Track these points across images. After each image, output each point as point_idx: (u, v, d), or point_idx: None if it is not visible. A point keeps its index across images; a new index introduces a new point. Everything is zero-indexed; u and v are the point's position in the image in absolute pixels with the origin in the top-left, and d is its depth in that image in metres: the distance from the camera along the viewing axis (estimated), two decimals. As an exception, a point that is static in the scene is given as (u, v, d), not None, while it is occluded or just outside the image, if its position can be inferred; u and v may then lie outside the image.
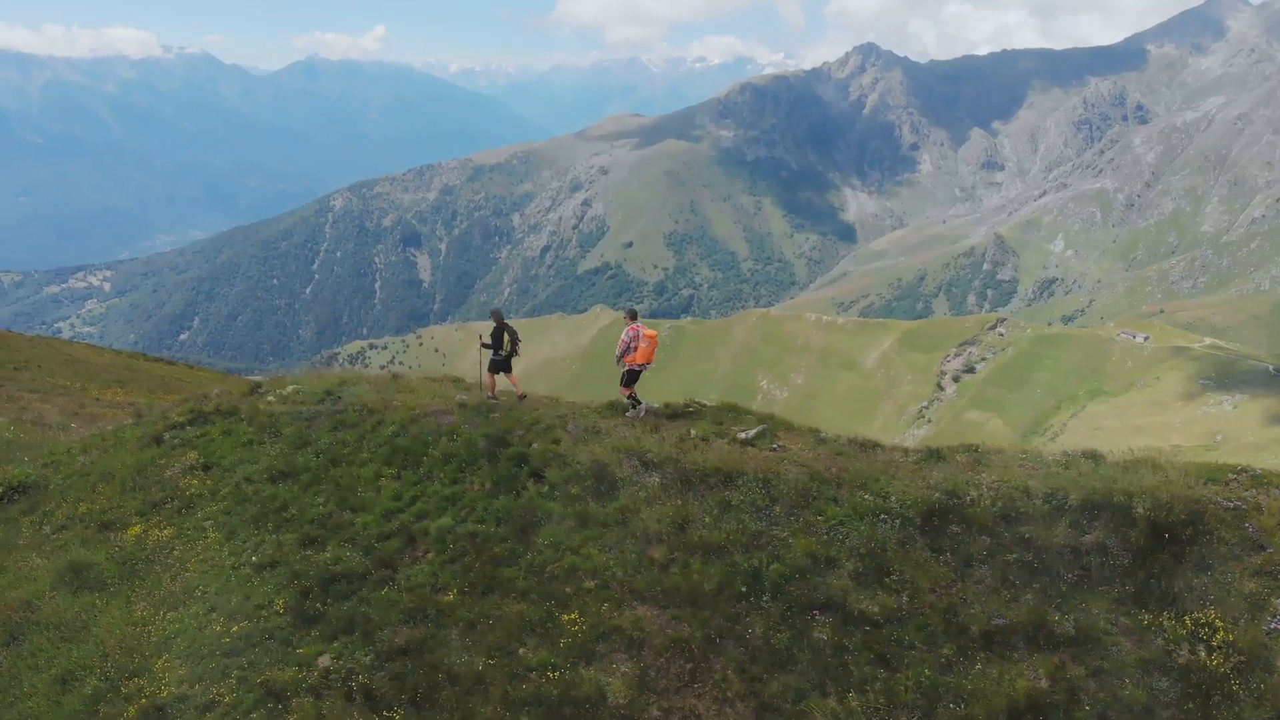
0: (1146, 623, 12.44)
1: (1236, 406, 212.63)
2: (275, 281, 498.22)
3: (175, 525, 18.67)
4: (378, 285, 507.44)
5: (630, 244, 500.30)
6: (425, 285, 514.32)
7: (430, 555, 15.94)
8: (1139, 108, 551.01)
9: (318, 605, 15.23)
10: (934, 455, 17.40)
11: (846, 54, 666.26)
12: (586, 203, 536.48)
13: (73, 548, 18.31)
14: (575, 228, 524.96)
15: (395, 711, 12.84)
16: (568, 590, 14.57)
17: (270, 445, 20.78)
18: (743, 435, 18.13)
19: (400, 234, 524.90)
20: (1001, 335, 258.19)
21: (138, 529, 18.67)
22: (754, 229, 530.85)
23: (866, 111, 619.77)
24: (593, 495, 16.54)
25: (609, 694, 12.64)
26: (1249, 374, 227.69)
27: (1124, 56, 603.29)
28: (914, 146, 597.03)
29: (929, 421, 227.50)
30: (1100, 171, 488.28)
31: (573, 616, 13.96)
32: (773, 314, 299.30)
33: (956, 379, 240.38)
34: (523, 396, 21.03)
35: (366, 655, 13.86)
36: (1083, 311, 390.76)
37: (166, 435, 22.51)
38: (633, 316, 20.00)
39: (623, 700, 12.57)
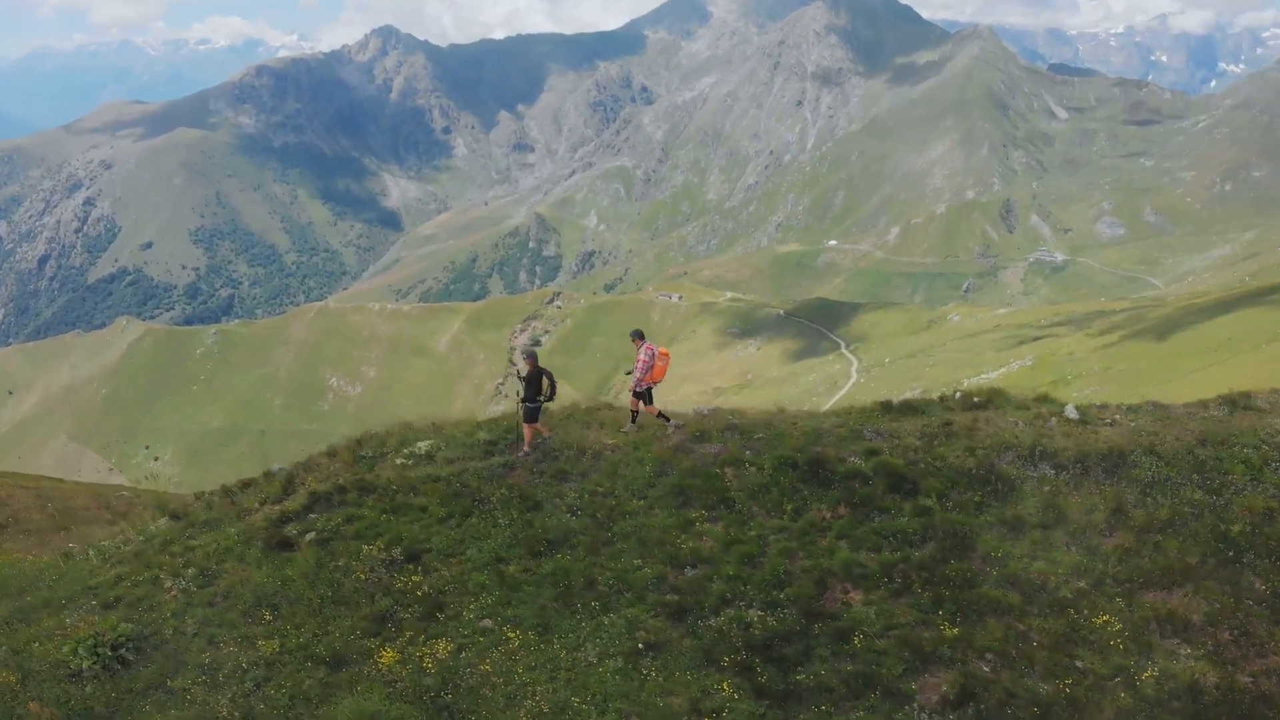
0: None
1: (760, 349, 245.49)
2: None
3: (442, 636, 14.13)
4: None
5: (150, 244, 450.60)
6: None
7: (858, 594, 13.87)
8: (644, 89, 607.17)
9: (769, 675, 12.79)
10: (1231, 403, 17.78)
11: (366, 36, 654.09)
12: (90, 202, 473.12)
13: (343, 701, 12.77)
14: (79, 231, 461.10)
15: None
16: (1065, 595, 13.35)
17: (484, 516, 16.56)
18: (1071, 415, 17.61)
19: None
20: (559, 308, 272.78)
21: (392, 654, 13.76)
22: (293, 219, 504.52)
23: (395, 96, 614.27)
24: (993, 498, 15.20)
25: (1196, 678, 11.96)
26: (765, 320, 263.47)
27: (626, 41, 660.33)
28: (447, 130, 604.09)
29: (507, 397, 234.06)
30: (619, 150, 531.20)
31: (1104, 620, 12.88)
32: (332, 307, 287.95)
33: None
34: (546, 439, 18.87)
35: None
36: (621, 279, 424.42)
37: (291, 531, 16.86)
38: (641, 336, 19.47)
39: (1215, 680, 11.91)
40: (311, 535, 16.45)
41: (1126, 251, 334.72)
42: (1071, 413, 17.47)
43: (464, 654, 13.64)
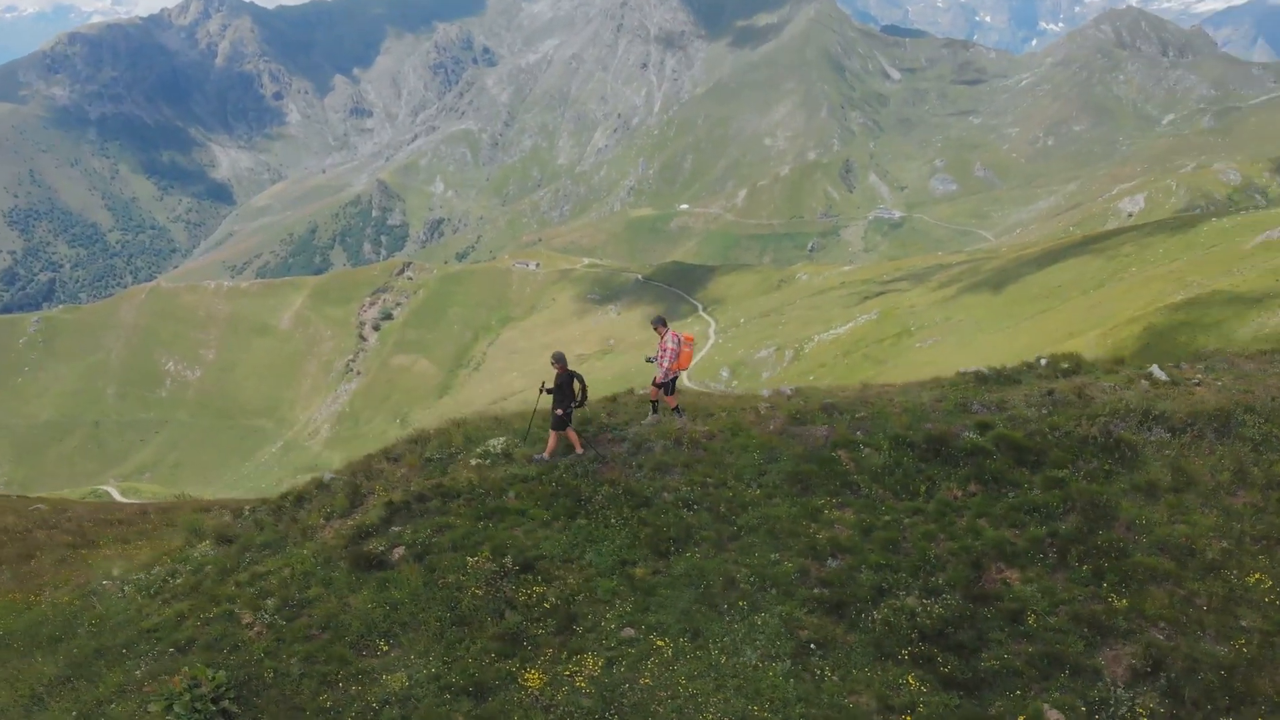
0: None
1: (621, 314, 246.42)
2: None
3: (584, 651, 13.02)
4: None
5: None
6: None
7: (1014, 573, 13.63)
8: (486, 50, 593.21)
9: (952, 664, 12.41)
10: None
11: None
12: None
13: None
14: None
15: None
16: (1213, 557, 13.42)
17: (592, 517, 15.40)
18: (1160, 376, 17.87)
19: None
20: (410, 279, 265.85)
21: (537, 676, 12.57)
22: (116, 196, 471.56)
23: (221, 61, 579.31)
24: (1121, 465, 15.09)
25: None
26: (624, 285, 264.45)
27: (465, 1, 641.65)
28: (278, 96, 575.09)
29: (358, 374, 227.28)
30: (463, 114, 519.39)
31: (1256, 578, 13.00)
32: (164, 287, 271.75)
33: (377, 327, 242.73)
34: (581, 453, 17.41)
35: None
36: (473, 248, 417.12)
37: (376, 547, 15.02)
38: (663, 323, 18.34)
39: None
40: (401, 550, 14.94)
41: (959, 206, 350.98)
42: (1159, 374, 17.75)
43: (615, 669, 12.73)
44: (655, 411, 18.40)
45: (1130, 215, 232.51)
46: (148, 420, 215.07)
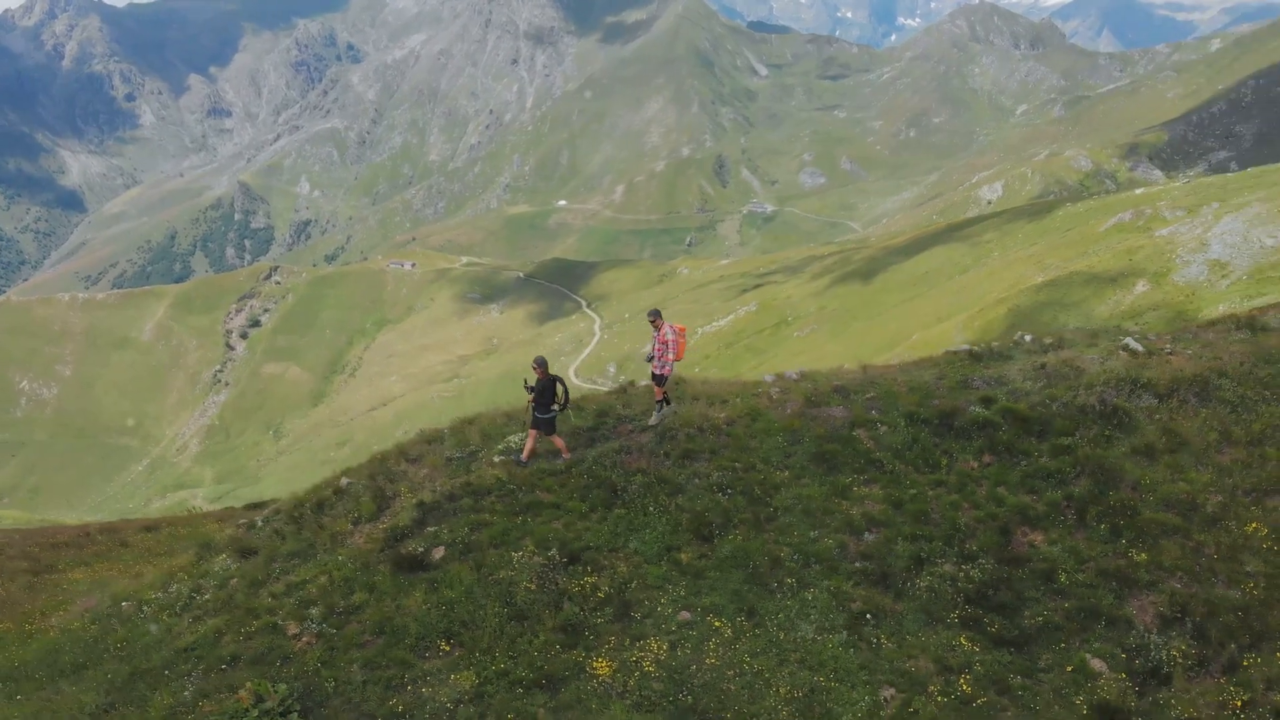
0: None
1: (503, 312, 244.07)
2: None
3: (646, 636, 13.20)
4: None
5: None
6: None
7: (1038, 535, 14.60)
8: (350, 47, 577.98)
9: (998, 624, 13.27)
10: (1248, 325, 19.43)
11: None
12: None
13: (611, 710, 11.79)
14: None
15: None
16: (1212, 511, 14.54)
17: (629, 506, 15.54)
18: (1136, 347, 18.81)
19: None
20: (279, 283, 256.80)
21: (605, 664, 12.69)
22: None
23: (68, 63, 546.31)
24: (1119, 430, 16.13)
25: None
26: (505, 284, 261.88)
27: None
28: (130, 98, 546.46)
29: (227, 384, 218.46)
30: (328, 112, 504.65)
31: (1254, 527, 14.18)
32: (14, 301, 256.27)
33: (244, 335, 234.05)
34: (567, 458, 17.20)
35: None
36: (343, 249, 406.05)
37: (414, 549, 14.73)
38: (659, 315, 17.99)
39: None
40: (441, 550, 14.82)
41: (827, 199, 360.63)
42: (1135, 345, 18.86)
43: (679, 651, 13.00)
44: (661, 409, 18.07)
45: (990, 203, 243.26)
46: (2, 442, 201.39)
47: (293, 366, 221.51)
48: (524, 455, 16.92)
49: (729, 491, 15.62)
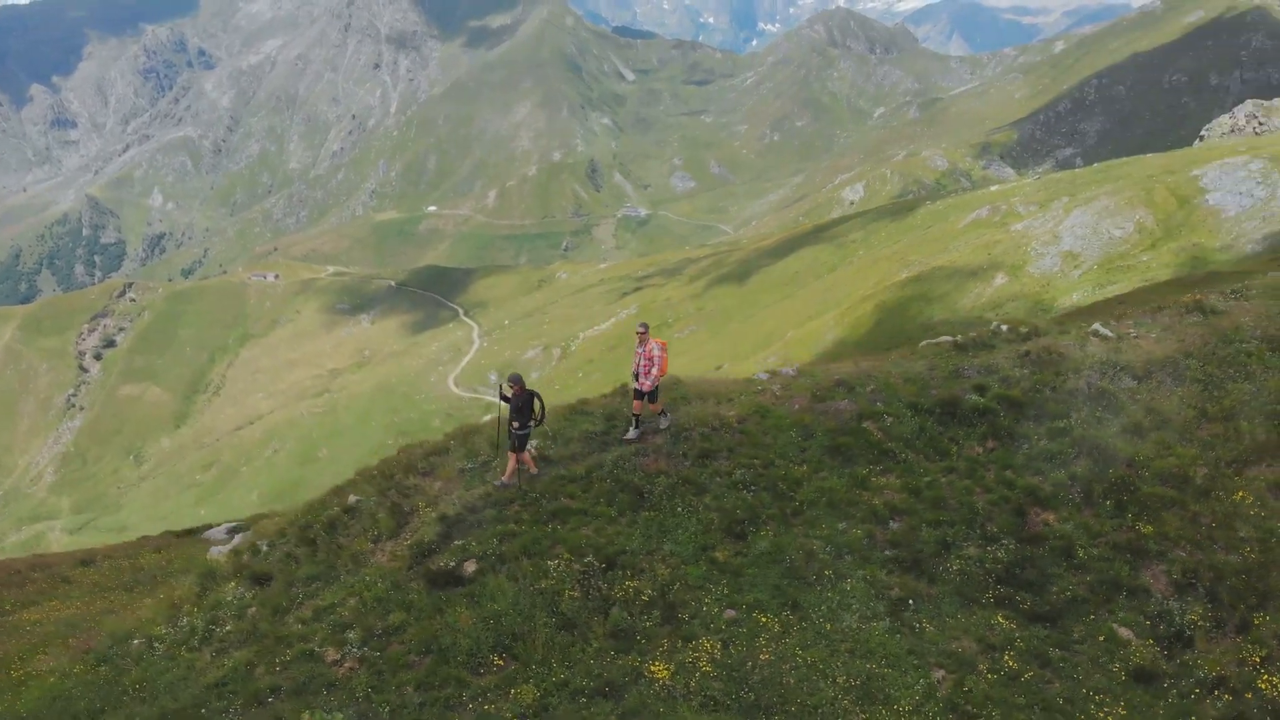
0: None
1: (374, 323, 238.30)
2: None
3: (697, 637, 13.28)
4: None
5: None
6: None
7: (1050, 514, 15.34)
8: (201, 53, 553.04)
9: (1029, 601, 13.96)
10: (1198, 309, 20.84)
11: None
12: None
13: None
14: None
15: None
16: (1201, 483, 15.46)
17: (655, 508, 15.63)
18: (1106, 333, 19.71)
19: None
20: (134, 301, 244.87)
21: (662, 667, 12.75)
22: None
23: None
24: (1107, 411, 16.96)
25: None
26: (376, 293, 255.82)
27: (174, 2, 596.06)
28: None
29: (83, 409, 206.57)
30: (180, 120, 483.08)
31: (1240, 495, 15.11)
32: None
33: (99, 356, 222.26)
34: (536, 474, 16.81)
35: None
36: (201, 262, 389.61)
37: (444, 564, 14.46)
38: (647, 330, 17.34)
39: None
40: (473, 563, 14.51)
41: (698, 202, 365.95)
42: (1105, 331, 19.83)
43: (733, 649, 13.12)
44: (637, 426, 17.63)
45: (852, 203, 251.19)
46: None
47: (152, 387, 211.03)
48: (506, 477, 16.41)
49: (753, 488, 15.83)
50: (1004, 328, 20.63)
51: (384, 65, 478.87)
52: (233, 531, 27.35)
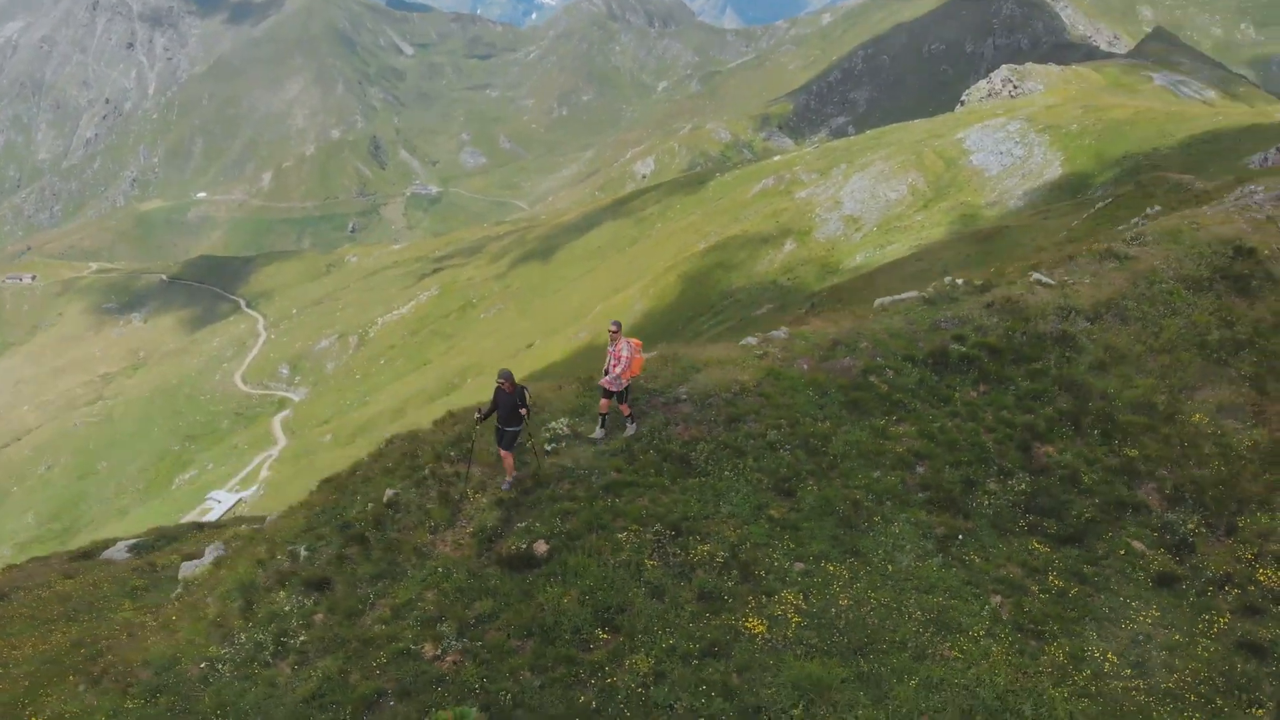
0: None
1: (147, 321, 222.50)
2: None
3: (776, 591, 13.88)
4: None
5: None
6: None
7: (1049, 447, 16.86)
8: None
9: (1056, 526, 15.46)
10: (1112, 256, 22.97)
11: None
12: None
13: (783, 672, 12.27)
14: None
15: None
16: (1163, 409, 17.56)
17: (703, 475, 16.13)
18: (1047, 280, 21.25)
19: None
20: None
21: (757, 623, 13.19)
22: None
23: None
24: (1073, 350, 18.77)
25: (1258, 440, 16.84)
26: (147, 289, 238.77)
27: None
28: None
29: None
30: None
31: (1198, 418, 17.34)
32: None
33: None
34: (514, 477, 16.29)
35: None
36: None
37: (515, 547, 14.54)
38: (620, 328, 17.04)
39: (1266, 437, 16.88)
40: (542, 543, 14.55)
41: (490, 178, 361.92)
42: (1046, 279, 21.35)
43: (813, 598, 13.80)
44: (603, 426, 17.36)
45: (644, 176, 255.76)
46: None
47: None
48: (508, 477, 16.05)
49: (787, 447, 16.45)
50: (960, 281, 21.85)
51: (139, 44, 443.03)
52: (136, 549, 26.17)
